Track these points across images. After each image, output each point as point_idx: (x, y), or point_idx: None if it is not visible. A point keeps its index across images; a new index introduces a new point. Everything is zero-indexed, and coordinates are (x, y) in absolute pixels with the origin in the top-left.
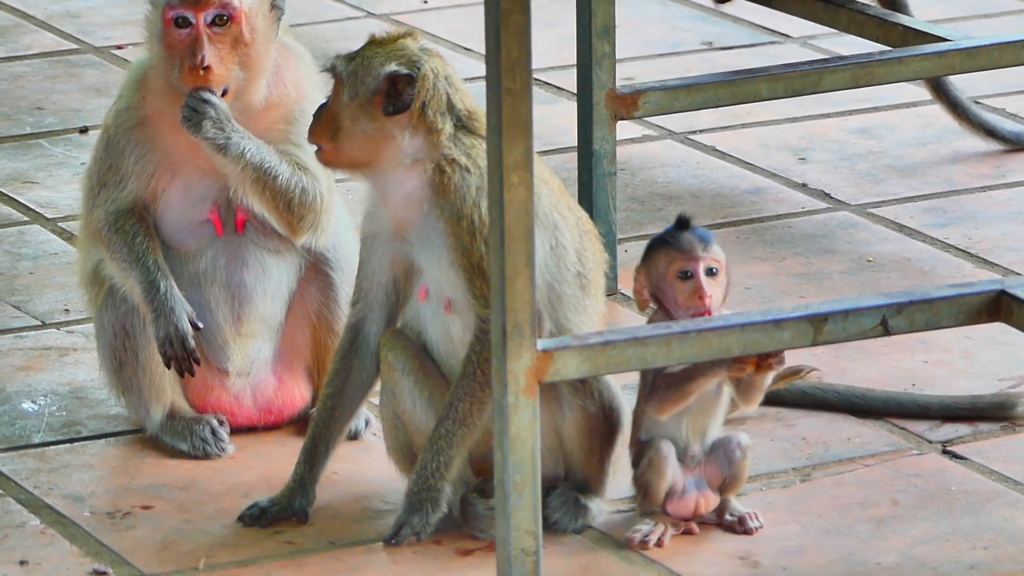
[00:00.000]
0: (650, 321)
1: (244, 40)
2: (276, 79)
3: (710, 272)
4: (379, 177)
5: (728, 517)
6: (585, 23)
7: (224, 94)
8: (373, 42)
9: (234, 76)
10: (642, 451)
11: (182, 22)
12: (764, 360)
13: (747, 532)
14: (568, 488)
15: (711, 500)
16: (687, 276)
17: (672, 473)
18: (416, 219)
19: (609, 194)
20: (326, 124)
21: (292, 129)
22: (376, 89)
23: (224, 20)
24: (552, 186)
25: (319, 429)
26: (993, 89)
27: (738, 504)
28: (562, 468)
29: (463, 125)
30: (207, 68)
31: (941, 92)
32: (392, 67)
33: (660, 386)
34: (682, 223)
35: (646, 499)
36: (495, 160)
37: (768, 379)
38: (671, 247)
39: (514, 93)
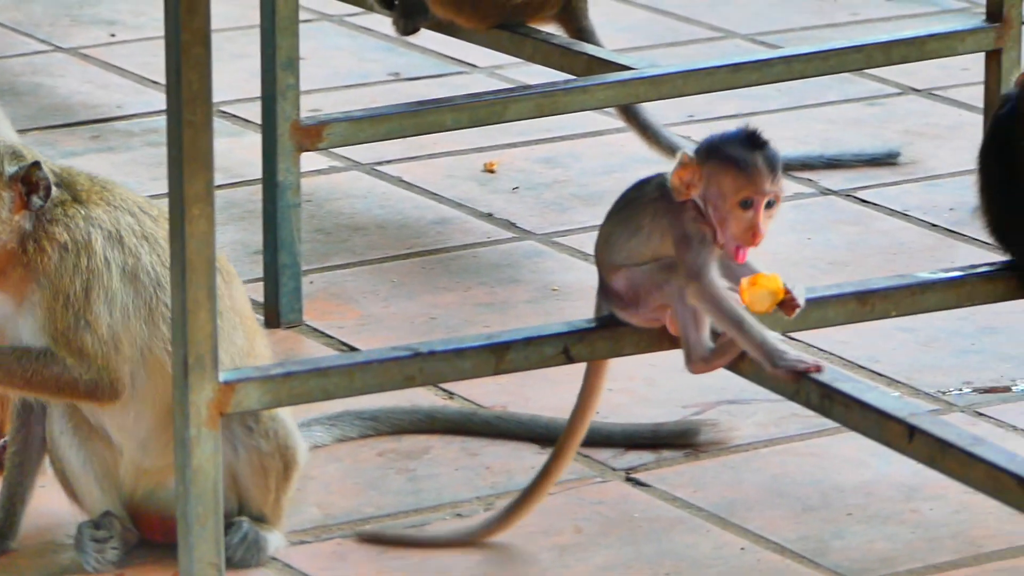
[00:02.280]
0: (681, 218)
1: None
2: None
3: (770, 205)
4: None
5: None
6: (269, 55)
7: None
8: None
9: None
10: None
11: None
12: (787, 309)
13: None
14: (245, 523)
15: None
16: (747, 206)
17: None
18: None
19: (294, 226)
20: None
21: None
22: (12, 197)
23: None
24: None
25: (12, 485)
26: (678, 117)
27: None
28: (236, 503)
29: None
30: None
31: (631, 116)
32: (13, 167)
33: (714, 289)
34: (756, 141)
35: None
36: (176, 193)
37: None
38: (740, 171)
39: (195, 125)
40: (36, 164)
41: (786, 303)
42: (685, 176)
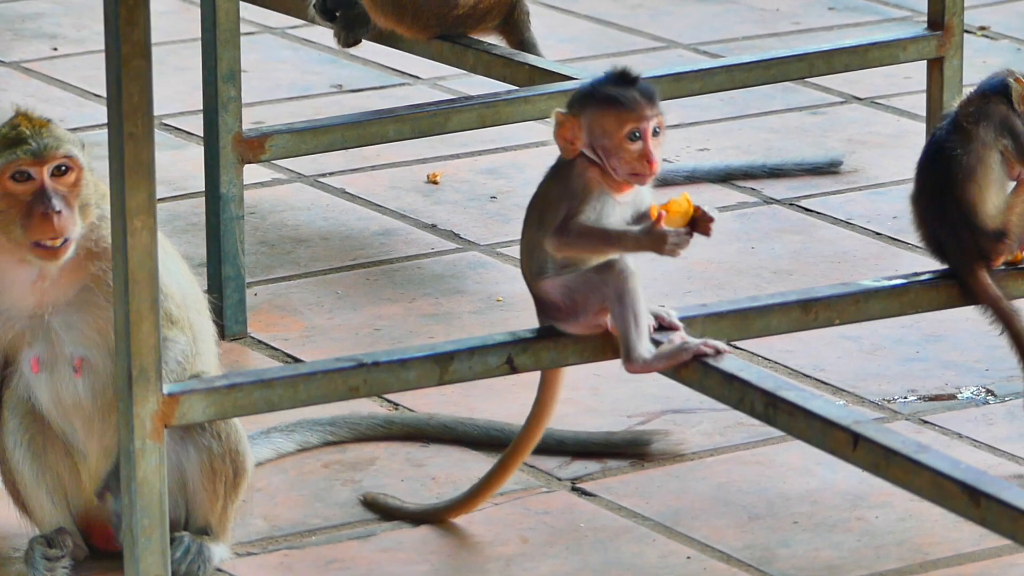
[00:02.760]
0: (571, 174)
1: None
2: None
3: (656, 133)
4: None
5: None
6: (211, 67)
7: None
8: (33, 122)
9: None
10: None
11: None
12: (701, 226)
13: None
14: (189, 536)
15: None
16: (636, 137)
17: None
18: (68, 291)
19: (238, 238)
20: (75, 212)
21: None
22: (85, 162)
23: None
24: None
25: None
26: None
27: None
28: (183, 512)
29: None
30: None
31: None
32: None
33: (572, 229)
34: (627, 78)
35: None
36: (118, 205)
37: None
38: (620, 105)
39: (136, 138)
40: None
41: (699, 219)
42: (566, 133)
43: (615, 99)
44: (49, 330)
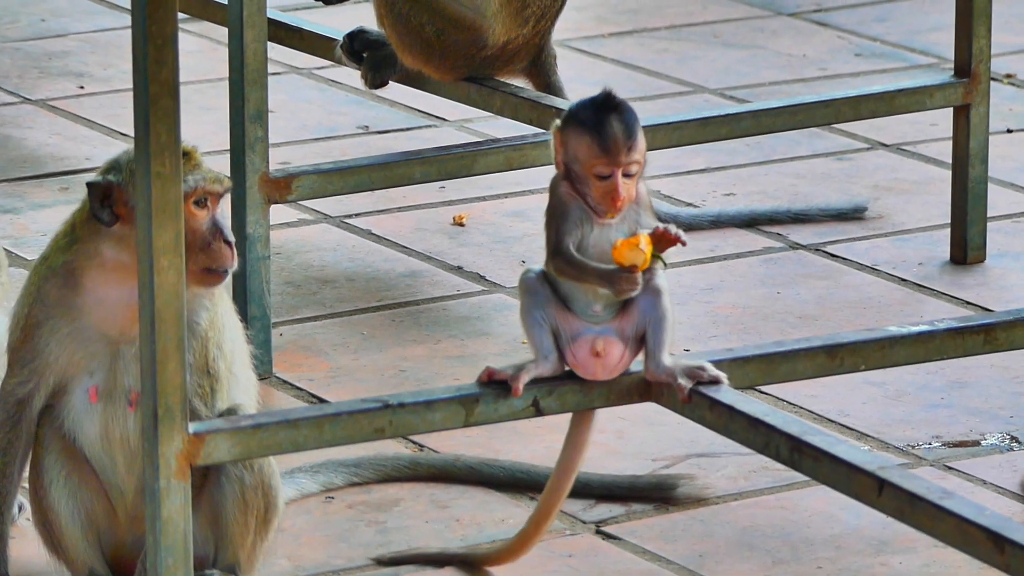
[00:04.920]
0: (557, 189)
1: None
2: None
3: (628, 174)
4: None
5: (680, 381)
6: (238, 107)
7: None
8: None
9: None
10: None
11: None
12: (662, 245)
13: (715, 381)
14: (219, 574)
15: (615, 346)
16: (605, 177)
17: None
18: (134, 324)
19: (263, 278)
20: None
21: None
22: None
23: None
24: None
25: None
26: (649, 170)
27: (678, 361)
28: (212, 548)
29: None
30: None
31: None
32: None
33: (561, 256)
34: (609, 105)
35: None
36: (145, 244)
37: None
38: (594, 143)
39: (163, 177)
40: (108, 184)
41: (658, 236)
42: (555, 145)
43: (593, 134)
44: (117, 359)
